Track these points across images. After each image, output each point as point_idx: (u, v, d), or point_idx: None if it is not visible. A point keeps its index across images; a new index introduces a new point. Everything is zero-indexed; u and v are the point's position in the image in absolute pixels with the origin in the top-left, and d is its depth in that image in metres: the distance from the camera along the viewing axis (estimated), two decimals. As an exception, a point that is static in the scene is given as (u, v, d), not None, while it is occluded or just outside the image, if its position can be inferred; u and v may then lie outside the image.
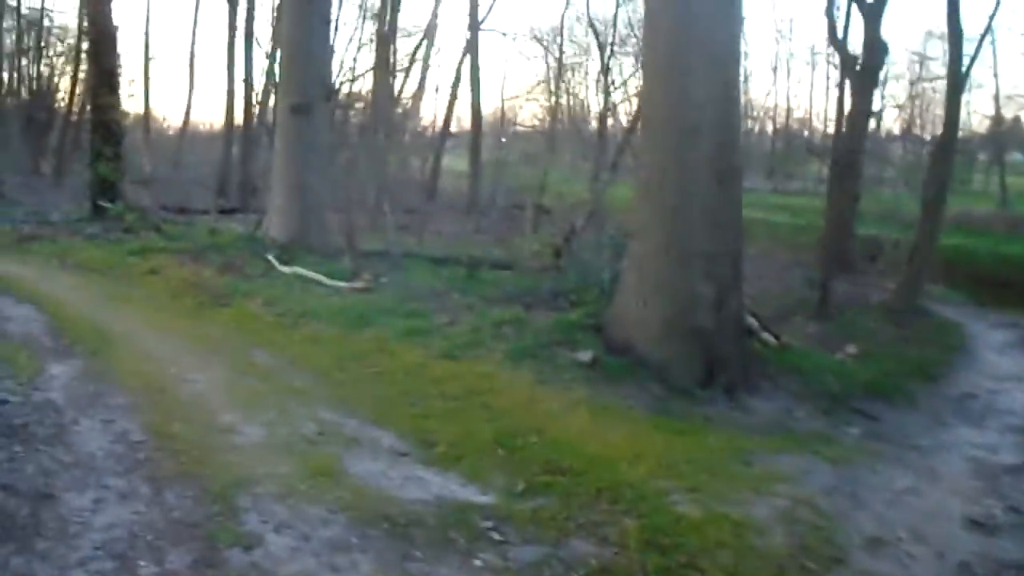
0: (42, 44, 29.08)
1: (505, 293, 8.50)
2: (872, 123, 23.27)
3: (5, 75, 28.30)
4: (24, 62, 28.98)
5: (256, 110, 25.88)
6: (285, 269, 10.11)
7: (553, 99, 35.97)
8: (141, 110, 28.56)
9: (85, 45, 21.16)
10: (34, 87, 28.98)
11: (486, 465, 4.64)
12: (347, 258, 10.55)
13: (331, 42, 18.62)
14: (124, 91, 17.47)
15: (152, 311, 8.59)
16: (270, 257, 10.60)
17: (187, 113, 32.94)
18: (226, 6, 25.87)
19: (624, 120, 28.68)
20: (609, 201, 13.10)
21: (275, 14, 24.68)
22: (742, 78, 16.26)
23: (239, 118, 26.02)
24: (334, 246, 11.47)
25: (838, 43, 17.69)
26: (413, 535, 3.71)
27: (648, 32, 7.69)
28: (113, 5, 14.74)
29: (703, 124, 6.53)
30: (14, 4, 27.21)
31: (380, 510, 3.90)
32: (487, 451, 4.84)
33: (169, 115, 48.84)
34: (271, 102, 24.23)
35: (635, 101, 25.50)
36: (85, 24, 20.87)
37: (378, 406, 5.64)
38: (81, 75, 25.19)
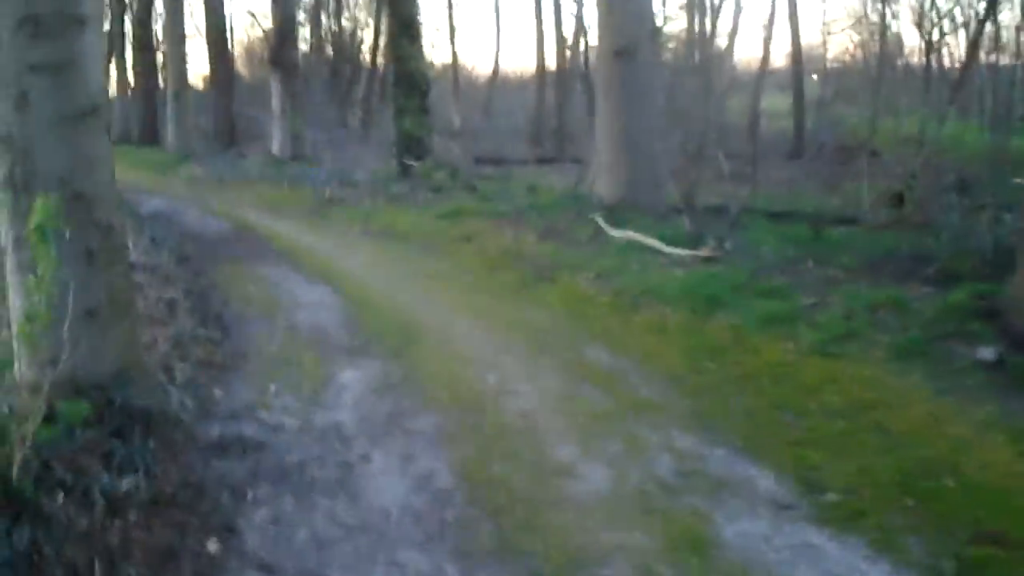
0: (341, -1, 31.41)
1: (864, 260, 7.90)
2: None
3: (307, 31, 30.96)
4: (324, 17, 31.59)
5: (568, 55, 27.85)
6: (616, 233, 9.45)
7: (869, 33, 33.50)
8: (448, 60, 30.56)
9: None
10: (337, 42, 31.38)
11: (895, 525, 3.88)
12: (685, 219, 9.55)
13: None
14: (428, 40, 17.96)
15: (465, 290, 8.25)
16: (598, 219, 9.96)
17: (496, 61, 35.09)
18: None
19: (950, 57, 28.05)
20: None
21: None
22: None
23: (551, 64, 28.15)
24: (666, 204, 10.82)
25: None
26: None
27: None
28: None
29: None
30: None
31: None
32: (892, 501, 4.09)
33: (477, 64, 51.68)
34: (582, 46, 26.41)
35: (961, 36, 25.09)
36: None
37: (746, 427, 4.98)
38: (383, 27, 26.82)
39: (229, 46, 25.18)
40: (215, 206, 14.48)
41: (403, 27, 14.89)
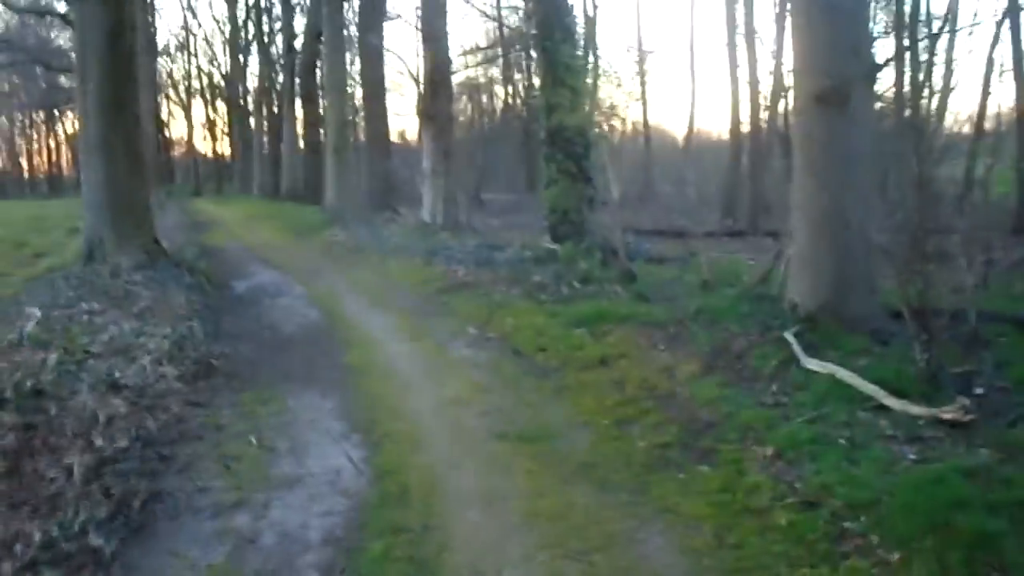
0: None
1: None
2: None
3: (500, 90, 29.92)
4: (518, 76, 30.38)
5: (765, 114, 26.27)
6: (814, 365, 6.48)
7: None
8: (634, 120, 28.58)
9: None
10: (529, 101, 29.84)
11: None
12: (916, 346, 6.23)
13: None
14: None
15: (570, 475, 5.20)
16: (789, 338, 6.85)
17: (690, 121, 33.66)
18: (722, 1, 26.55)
19: None
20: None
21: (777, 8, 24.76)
22: None
23: (746, 125, 26.27)
24: (883, 311, 7.66)
25: None
26: None
27: None
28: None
29: None
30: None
31: None
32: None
33: (666, 123, 49.54)
34: (780, 106, 24.90)
35: None
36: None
37: None
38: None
39: (385, 99, 23.32)
40: (325, 285, 12.25)
41: (556, 72, 12.03)
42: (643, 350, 7.49)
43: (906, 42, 23.05)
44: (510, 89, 30.12)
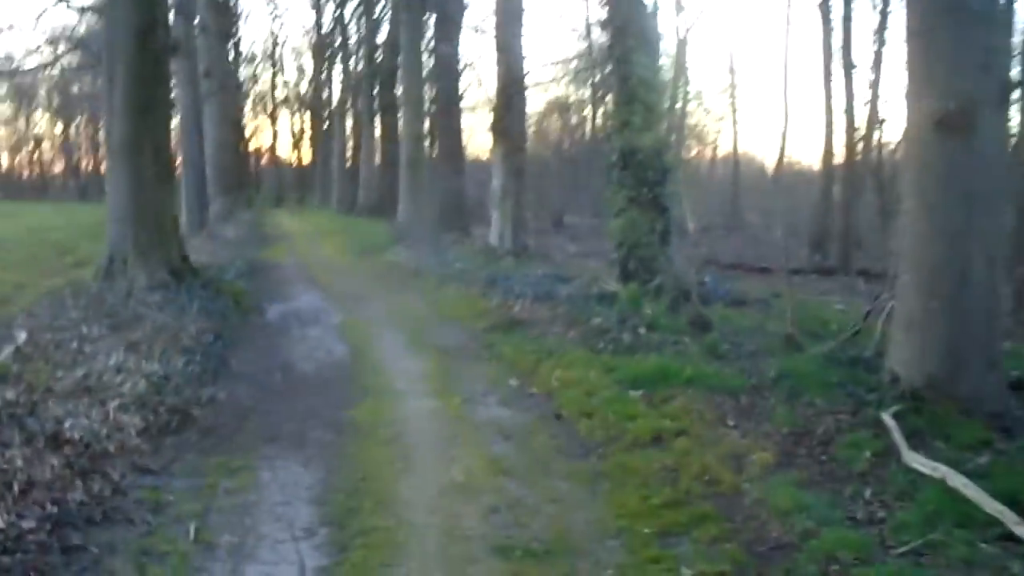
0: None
1: None
2: None
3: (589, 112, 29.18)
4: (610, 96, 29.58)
5: (860, 146, 25.39)
6: (919, 465, 5.11)
7: None
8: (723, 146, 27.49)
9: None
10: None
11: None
12: None
13: None
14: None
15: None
16: (887, 421, 5.49)
17: (781, 149, 32.81)
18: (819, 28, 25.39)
19: None
20: None
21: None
22: None
23: (840, 156, 25.23)
24: (1009, 395, 6.37)
25: None
26: None
27: None
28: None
29: None
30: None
31: None
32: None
33: (759, 152, 48.12)
34: (875, 137, 24.42)
35: None
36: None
37: None
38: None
39: (460, 113, 22.23)
40: (367, 314, 11.18)
41: (628, 85, 10.59)
42: (708, 425, 6.10)
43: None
44: (600, 109, 28.98)
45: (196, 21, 23.11)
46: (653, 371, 7.35)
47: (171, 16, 20.41)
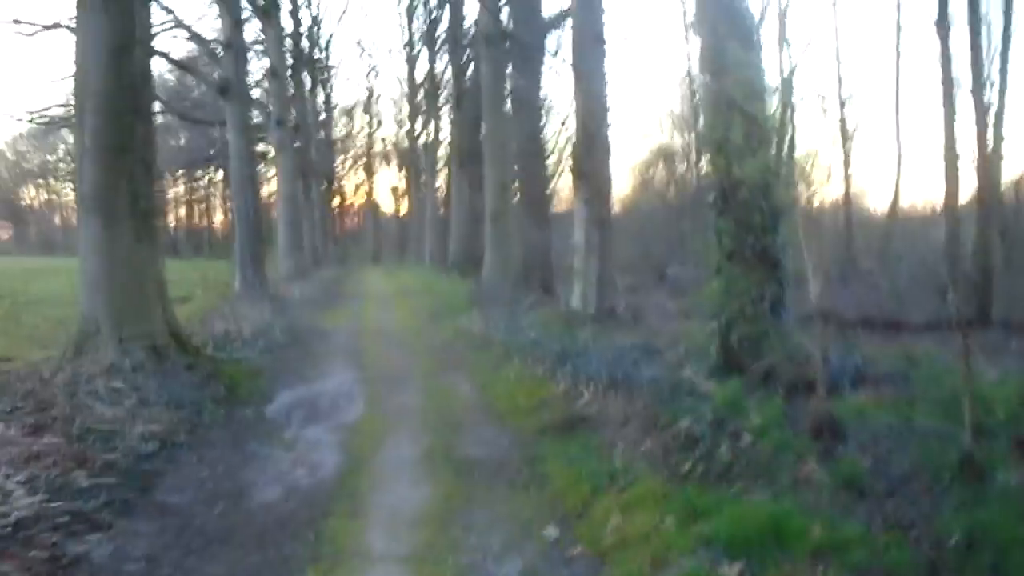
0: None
1: None
2: None
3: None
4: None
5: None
6: None
7: None
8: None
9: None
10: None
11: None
12: None
13: None
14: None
15: None
16: None
17: (896, 188, 31.59)
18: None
19: None
20: None
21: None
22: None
23: (969, 193, 22.93)
24: None
25: None
26: None
27: None
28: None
29: None
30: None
31: None
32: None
33: (868, 191, 45.46)
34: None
35: None
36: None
37: None
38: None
39: (545, 157, 19.91)
40: (396, 406, 8.89)
41: (725, 92, 7.71)
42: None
43: None
44: (705, 157, 26.94)
45: (268, 66, 21.59)
46: (761, 527, 4.69)
47: (219, 51, 18.97)
